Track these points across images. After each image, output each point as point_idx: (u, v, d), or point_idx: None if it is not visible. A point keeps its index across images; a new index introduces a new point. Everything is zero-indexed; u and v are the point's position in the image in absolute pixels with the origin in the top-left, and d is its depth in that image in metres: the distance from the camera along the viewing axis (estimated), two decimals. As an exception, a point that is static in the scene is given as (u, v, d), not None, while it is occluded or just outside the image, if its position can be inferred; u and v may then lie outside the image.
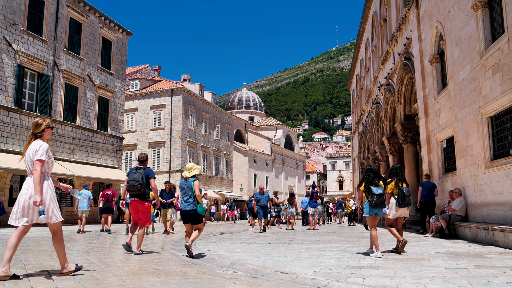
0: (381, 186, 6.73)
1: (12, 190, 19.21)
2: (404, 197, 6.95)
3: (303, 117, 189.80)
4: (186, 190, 6.76)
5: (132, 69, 42.50)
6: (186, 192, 6.75)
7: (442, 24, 11.20)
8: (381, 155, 21.12)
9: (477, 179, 9.21)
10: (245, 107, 67.50)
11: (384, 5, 19.59)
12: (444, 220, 9.99)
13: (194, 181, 6.78)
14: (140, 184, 6.86)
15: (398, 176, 7.20)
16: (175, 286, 4.15)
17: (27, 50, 19.45)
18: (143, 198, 7.06)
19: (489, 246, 7.65)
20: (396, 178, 7.17)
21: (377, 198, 6.56)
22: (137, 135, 36.55)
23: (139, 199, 7.03)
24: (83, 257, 6.81)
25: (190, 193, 6.74)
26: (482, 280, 4.31)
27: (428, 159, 12.68)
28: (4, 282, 4.19)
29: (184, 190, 6.78)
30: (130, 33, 27.37)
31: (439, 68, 12.03)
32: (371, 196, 6.65)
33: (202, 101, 39.94)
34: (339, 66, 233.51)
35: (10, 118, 18.49)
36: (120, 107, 26.18)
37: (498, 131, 8.41)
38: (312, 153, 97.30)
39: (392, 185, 7.13)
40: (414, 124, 15.33)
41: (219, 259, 6.32)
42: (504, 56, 7.78)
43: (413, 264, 5.52)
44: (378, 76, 20.88)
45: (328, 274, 4.77)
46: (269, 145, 56.77)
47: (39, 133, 4.63)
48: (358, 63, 31.72)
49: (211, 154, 41.33)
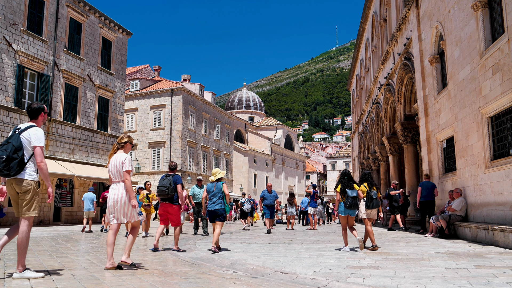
0: (355, 189, 7.41)
1: (12, 190, 19.19)
2: (372, 199, 7.61)
3: (303, 117, 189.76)
4: (215, 192, 7.57)
5: (132, 69, 42.51)
6: (215, 194, 7.57)
7: (442, 24, 11.20)
8: (381, 155, 21.12)
9: (477, 179, 9.21)
10: (245, 107, 67.51)
11: (384, 5, 19.59)
12: (444, 220, 9.99)
13: (223, 184, 7.64)
14: (168, 189, 7.65)
15: (367, 181, 7.86)
16: (175, 286, 4.15)
17: (27, 50, 19.45)
18: (172, 201, 7.82)
19: (489, 246, 7.65)
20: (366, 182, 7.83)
21: (351, 200, 7.25)
22: (137, 135, 36.56)
23: (169, 203, 7.80)
24: (83, 257, 6.81)
25: (219, 194, 7.55)
26: (482, 280, 4.31)
27: (428, 159, 12.68)
28: (4, 282, 4.20)
29: (213, 192, 7.59)
30: (130, 33, 27.36)
31: (439, 68, 12.03)
32: (346, 198, 7.30)
33: (202, 101, 39.94)
34: (339, 66, 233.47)
35: (10, 118, 18.49)
36: (120, 107, 26.18)
37: (498, 131, 8.41)
38: (312, 153, 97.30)
39: (363, 188, 7.78)
40: (414, 124, 15.33)
41: (219, 259, 6.32)
42: (504, 56, 7.78)
43: (413, 264, 5.52)
44: (378, 76, 20.88)
45: (328, 274, 4.77)
46: (269, 145, 56.78)
47: (121, 144, 5.32)
48: (358, 63, 31.73)
49: (211, 154, 41.33)
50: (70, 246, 8.75)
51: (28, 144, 4.36)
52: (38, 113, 4.58)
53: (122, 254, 5.34)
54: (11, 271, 4.66)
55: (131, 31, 27.48)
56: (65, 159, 21.32)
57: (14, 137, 4.34)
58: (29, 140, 4.36)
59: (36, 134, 4.38)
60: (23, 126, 4.45)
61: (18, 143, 4.30)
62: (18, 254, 4.34)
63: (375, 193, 7.74)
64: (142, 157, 35.99)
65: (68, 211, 22.11)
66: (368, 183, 7.87)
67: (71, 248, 8.43)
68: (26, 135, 4.37)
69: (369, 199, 7.67)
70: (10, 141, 4.31)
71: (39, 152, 4.36)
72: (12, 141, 4.30)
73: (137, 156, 35.91)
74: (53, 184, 20.92)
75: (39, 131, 4.42)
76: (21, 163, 4.29)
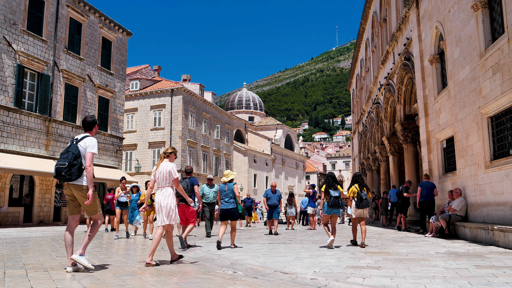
0: (338, 190, 7.95)
1: (12, 190, 19.21)
2: (361, 200, 7.97)
3: (303, 117, 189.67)
4: (227, 192, 8.10)
5: (132, 69, 42.49)
6: (227, 194, 8.08)
7: (442, 24, 11.20)
8: (381, 155, 21.12)
9: (477, 179, 9.20)
10: (245, 107, 67.48)
11: (384, 5, 19.59)
12: (444, 220, 9.99)
13: (234, 185, 8.15)
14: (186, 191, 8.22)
15: (358, 182, 8.25)
16: (175, 286, 4.15)
17: (27, 50, 19.44)
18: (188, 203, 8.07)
19: (489, 246, 7.65)
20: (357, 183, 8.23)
21: (333, 200, 7.78)
22: (137, 135, 36.55)
23: (186, 204, 8.17)
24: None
25: (231, 194, 8.06)
26: (482, 280, 4.31)
27: (428, 159, 12.68)
28: (5, 282, 4.19)
29: (225, 193, 8.11)
30: (130, 33, 27.36)
31: (439, 68, 12.03)
32: (329, 197, 7.82)
33: (202, 101, 39.94)
34: (339, 66, 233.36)
35: (10, 118, 18.49)
36: (120, 107, 26.18)
37: (498, 131, 8.41)
38: (312, 153, 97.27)
39: (353, 189, 8.21)
40: (414, 124, 15.32)
41: (219, 259, 6.32)
42: (504, 56, 7.78)
43: (413, 264, 5.52)
44: (378, 76, 20.87)
45: (328, 274, 4.77)
46: (269, 145, 56.76)
47: (167, 153, 6.06)
48: (358, 63, 31.72)
49: (211, 154, 41.33)
50: (70, 246, 8.74)
51: (84, 151, 5.00)
52: (93, 125, 5.29)
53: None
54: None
55: (131, 31, 27.48)
56: (65, 159, 21.31)
57: (72, 146, 4.98)
58: (84, 148, 4.99)
59: (91, 142, 5.05)
60: (80, 136, 5.14)
61: (77, 151, 4.93)
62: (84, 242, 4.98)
63: (365, 193, 8.11)
64: (142, 157, 35.99)
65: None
66: (358, 184, 8.22)
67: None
68: (82, 144, 5.02)
69: (359, 200, 8.01)
70: (70, 150, 4.96)
71: (89, 156, 4.98)
72: (72, 149, 4.94)
73: (137, 156, 35.91)
74: (53, 184, 20.93)
75: (93, 140, 5.09)
76: (80, 169, 4.91)
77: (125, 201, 12.12)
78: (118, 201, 12.12)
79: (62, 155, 4.97)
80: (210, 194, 12.00)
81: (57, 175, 4.88)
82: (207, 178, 12.59)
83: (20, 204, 19.54)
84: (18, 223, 18.90)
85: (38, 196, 20.21)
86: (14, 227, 16.86)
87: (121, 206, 12.13)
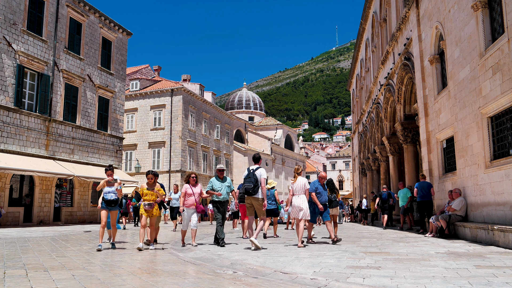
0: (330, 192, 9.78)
1: (12, 190, 19.21)
2: (331, 201, 9.62)
3: (303, 117, 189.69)
4: (269, 196, 11.28)
5: (132, 69, 42.50)
6: (269, 197, 11.30)
7: (442, 24, 11.20)
8: (381, 155, 21.12)
9: (477, 179, 9.20)
10: (245, 107, 67.48)
11: (384, 5, 19.59)
12: (444, 220, 9.99)
13: (275, 191, 11.61)
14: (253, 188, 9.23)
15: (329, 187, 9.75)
16: (175, 286, 4.15)
17: (27, 50, 19.44)
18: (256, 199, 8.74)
19: (489, 246, 7.65)
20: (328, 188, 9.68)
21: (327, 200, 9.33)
22: (137, 135, 36.56)
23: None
24: (83, 257, 6.81)
25: (272, 198, 11.46)
26: (482, 280, 4.31)
27: (428, 159, 12.68)
28: (5, 282, 4.19)
29: (268, 197, 11.17)
30: (130, 33, 27.36)
31: (439, 68, 12.03)
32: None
33: (202, 101, 39.94)
34: (339, 66, 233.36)
35: (10, 118, 18.48)
36: (120, 107, 26.18)
37: (498, 131, 8.41)
38: (312, 153, 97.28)
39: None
40: (414, 124, 15.32)
41: (219, 259, 6.32)
42: (504, 56, 7.77)
43: (413, 264, 5.52)
44: (378, 76, 20.87)
45: (328, 274, 4.77)
46: (269, 145, 56.76)
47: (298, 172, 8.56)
48: (358, 63, 31.72)
49: (211, 154, 41.33)
50: (70, 246, 8.75)
51: (259, 177, 7.94)
52: (259, 159, 8.24)
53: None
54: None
55: (131, 31, 27.48)
56: (65, 159, 21.32)
57: (251, 174, 7.93)
58: (259, 175, 7.95)
59: (262, 172, 8.02)
60: (253, 167, 8.02)
61: (256, 178, 7.89)
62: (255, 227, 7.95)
63: (335, 196, 9.84)
64: (142, 157, 35.99)
65: (68, 211, 22.11)
66: (329, 189, 9.75)
67: (71, 248, 8.42)
68: (257, 173, 7.94)
69: (329, 202, 9.52)
70: (250, 176, 7.92)
71: (263, 180, 7.95)
72: (252, 176, 7.90)
73: (137, 156, 35.92)
74: (53, 184, 20.94)
75: (263, 170, 8.07)
76: (258, 188, 7.89)
77: (113, 199, 8.30)
78: (105, 199, 8.28)
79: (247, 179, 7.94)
80: (222, 190, 8.72)
81: (246, 192, 7.93)
82: (218, 169, 8.97)
83: (20, 204, 19.55)
84: (18, 223, 18.90)
85: (38, 196, 20.21)
86: (14, 227, 16.86)
87: (108, 206, 8.30)
